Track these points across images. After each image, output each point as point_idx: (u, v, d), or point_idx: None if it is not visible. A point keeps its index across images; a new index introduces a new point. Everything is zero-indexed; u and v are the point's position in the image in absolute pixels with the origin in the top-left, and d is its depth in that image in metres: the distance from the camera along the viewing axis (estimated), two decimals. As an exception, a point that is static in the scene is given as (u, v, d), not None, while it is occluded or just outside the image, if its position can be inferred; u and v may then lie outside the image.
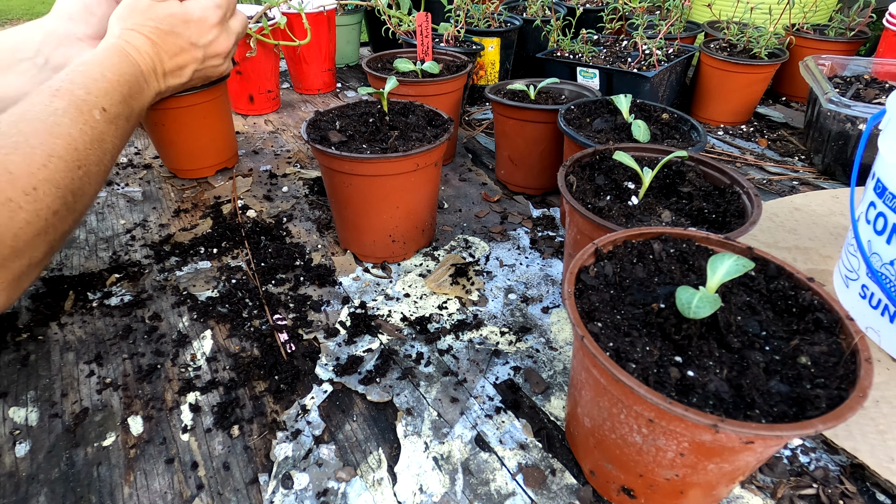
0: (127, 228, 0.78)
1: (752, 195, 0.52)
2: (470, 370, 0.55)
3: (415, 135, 0.67)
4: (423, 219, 0.70)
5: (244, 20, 0.76)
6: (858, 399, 0.31)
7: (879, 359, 0.55)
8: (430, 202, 0.70)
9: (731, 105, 1.10)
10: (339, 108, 0.74)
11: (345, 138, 0.66)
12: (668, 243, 0.44)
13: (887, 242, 0.52)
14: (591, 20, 1.26)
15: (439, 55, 0.97)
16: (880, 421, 0.48)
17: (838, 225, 0.76)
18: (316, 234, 0.77)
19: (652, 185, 0.57)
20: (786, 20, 1.19)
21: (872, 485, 0.45)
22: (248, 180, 0.91)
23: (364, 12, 1.48)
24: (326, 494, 0.44)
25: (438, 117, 0.72)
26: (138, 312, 0.62)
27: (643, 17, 1.00)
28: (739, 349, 0.35)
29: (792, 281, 0.41)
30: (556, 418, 0.50)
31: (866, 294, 0.56)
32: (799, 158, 0.99)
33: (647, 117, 0.73)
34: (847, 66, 0.99)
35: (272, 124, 1.14)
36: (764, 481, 0.45)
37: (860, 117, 0.82)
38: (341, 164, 0.62)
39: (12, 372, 0.55)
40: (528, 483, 0.45)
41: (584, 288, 0.40)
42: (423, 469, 0.46)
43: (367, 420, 0.50)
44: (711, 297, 0.35)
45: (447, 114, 0.72)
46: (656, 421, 0.33)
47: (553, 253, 0.73)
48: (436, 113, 0.73)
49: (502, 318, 0.62)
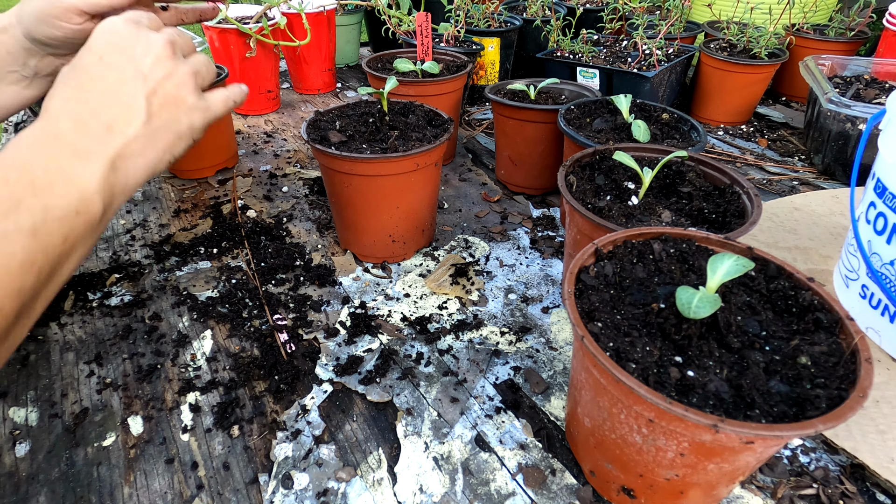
0: (127, 228, 0.78)
1: (752, 195, 0.52)
2: (470, 370, 0.55)
3: (415, 135, 0.67)
4: (424, 219, 0.70)
5: (207, 61, 0.50)
6: (858, 399, 0.31)
7: (879, 359, 0.55)
8: (431, 202, 0.70)
9: (731, 105, 1.10)
10: (339, 108, 0.74)
11: (345, 138, 0.66)
12: (668, 243, 0.44)
13: (887, 242, 0.52)
14: (591, 20, 1.26)
15: (439, 55, 0.97)
16: (880, 421, 0.48)
17: (838, 225, 0.76)
18: (316, 234, 0.77)
19: (652, 185, 0.57)
20: (786, 20, 1.19)
21: (872, 485, 0.45)
22: (248, 180, 0.91)
23: (364, 12, 1.48)
24: (326, 494, 0.44)
25: (438, 117, 0.72)
26: (138, 312, 0.62)
27: (643, 17, 1.00)
28: (739, 349, 0.35)
29: (792, 281, 0.40)
30: (556, 418, 0.50)
31: (866, 294, 0.56)
32: (799, 158, 0.99)
33: (647, 117, 0.73)
34: (847, 66, 0.99)
35: (272, 124, 1.14)
36: (764, 481, 0.45)
37: (860, 117, 0.82)
38: (341, 164, 0.62)
39: (12, 372, 0.55)
40: (528, 483, 0.45)
41: (584, 288, 0.40)
42: (423, 469, 0.46)
43: (367, 420, 0.50)
44: (711, 297, 0.34)
45: (447, 114, 0.72)
46: (656, 421, 0.33)
47: (553, 253, 0.73)
48: (436, 113, 0.73)
49: (502, 318, 0.62)
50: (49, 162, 0.38)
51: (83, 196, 0.39)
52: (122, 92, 0.43)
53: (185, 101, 0.46)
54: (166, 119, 0.45)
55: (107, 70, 0.43)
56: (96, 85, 0.43)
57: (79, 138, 0.40)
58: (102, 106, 0.42)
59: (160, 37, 0.46)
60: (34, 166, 0.38)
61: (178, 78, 0.46)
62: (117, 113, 0.42)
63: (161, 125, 0.44)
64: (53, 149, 0.39)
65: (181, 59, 0.47)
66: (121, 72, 0.44)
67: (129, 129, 0.42)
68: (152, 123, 0.44)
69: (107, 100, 0.42)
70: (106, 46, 0.45)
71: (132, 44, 0.45)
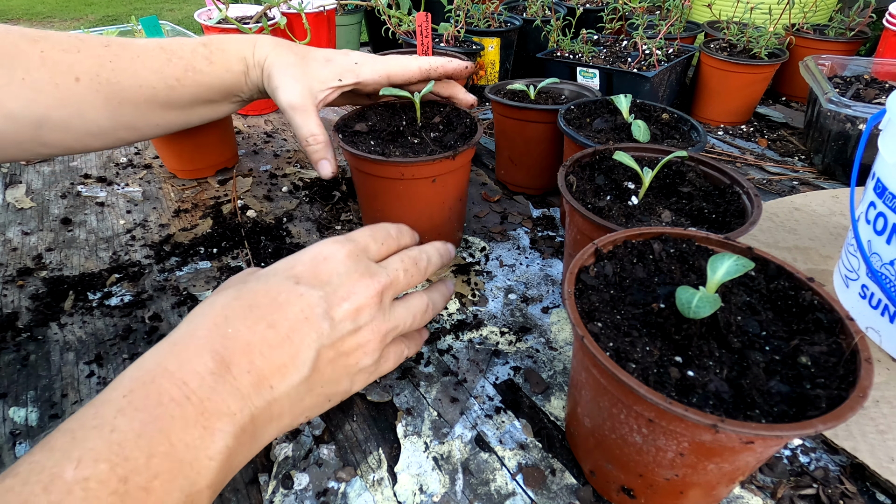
0: (127, 228, 0.78)
1: (752, 195, 0.52)
2: (470, 370, 0.55)
3: (450, 134, 0.67)
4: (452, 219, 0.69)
5: (420, 310, 0.43)
6: (858, 399, 0.31)
7: (879, 359, 0.55)
8: (461, 202, 0.69)
9: (731, 105, 1.10)
10: (358, 112, 0.71)
11: (376, 142, 0.65)
12: (668, 243, 0.44)
13: (887, 242, 0.52)
14: (591, 20, 1.26)
15: (439, 55, 0.97)
16: (880, 421, 0.48)
17: (838, 225, 0.76)
18: (316, 235, 0.77)
19: (652, 185, 0.57)
20: (786, 20, 1.19)
21: (872, 485, 0.45)
22: (248, 180, 0.91)
23: (364, 12, 1.48)
24: (326, 494, 0.44)
25: (459, 114, 0.71)
26: (138, 312, 0.62)
27: (643, 17, 1.00)
28: (739, 349, 0.35)
29: (792, 281, 0.41)
30: (556, 418, 0.50)
31: (866, 294, 0.56)
32: (799, 158, 0.99)
33: (647, 117, 0.73)
34: (847, 66, 0.99)
35: (272, 124, 1.14)
36: (764, 481, 0.45)
37: (860, 117, 0.82)
38: (383, 168, 0.60)
39: (12, 372, 0.55)
40: (528, 483, 0.45)
41: (584, 288, 0.40)
42: (424, 469, 0.46)
43: (367, 420, 0.50)
44: (711, 297, 0.35)
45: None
46: (656, 421, 0.33)
47: (553, 253, 0.73)
48: (456, 110, 0.72)
49: (502, 318, 0.62)
50: (159, 434, 0.27)
51: (190, 492, 0.28)
52: (297, 334, 0.33)
53: (357, 364, 0.38)
54: (326, 379, 0.35)
55: (293, 299, 0.34)
56: (271, 315, 0.33)
57: (214, 390, 0.30)
58: (265, 345, 0.32)
59: (373, 283, 0.38)
60: (138, 442, 0.27)
61: (365, 336, 0.37)
62: (278, 360, 0.32)
63: (316, 385, 0.35)
64: (173, 409, 0.28)
65: (384, 311, 0.39)
66: (308, 309, 0.34)
67: (282, 385, 0.32)
68: (308, 382, 0.34)
69: (274, 338, 0.32)
70: (308, 272, 0.37)
71: (337, 281, 0.37)
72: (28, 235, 0.76)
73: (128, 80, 0.54)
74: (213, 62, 0.59)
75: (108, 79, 0.53)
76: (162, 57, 0.57)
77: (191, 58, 0.58)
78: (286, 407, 0.33)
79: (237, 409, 0.30)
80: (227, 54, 0.60)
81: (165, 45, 0.58)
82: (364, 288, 0.37)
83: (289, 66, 0.59)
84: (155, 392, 0.28)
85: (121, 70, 0.54)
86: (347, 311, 0.36)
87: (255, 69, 0.61)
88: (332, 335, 0.35)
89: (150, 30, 1.02)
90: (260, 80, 0.61)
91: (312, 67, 0.61)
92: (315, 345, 0.34)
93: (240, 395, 0.30)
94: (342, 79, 0.62)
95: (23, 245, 0.74)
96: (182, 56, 0.58)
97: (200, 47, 0.59)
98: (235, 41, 0.62)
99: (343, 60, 0.63)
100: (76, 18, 4.76)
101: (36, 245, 0.74)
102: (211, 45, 0.60)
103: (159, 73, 0.56)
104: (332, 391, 0.36)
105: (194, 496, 0.28)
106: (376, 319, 0.38)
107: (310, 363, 0.33)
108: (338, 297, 0.36)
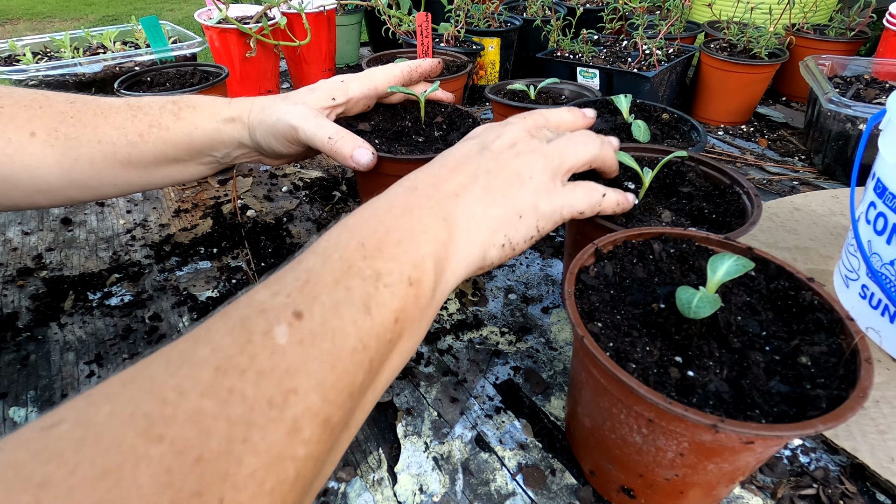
0: (127, 228, 0.78)
1: (752, 195, 0.52)
2: (470, 370, 0.55)
3: (454, 133, 0.66)
4: None
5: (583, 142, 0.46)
6: (859, 399, 0.31)
7: (880, 359, 0.55)
8: None
9: (731, 105, 1.10)
10: (362, 113, 0.70)
11: (384, 141, 0.64)
12: (668, 243, 0.44)
13: (887, 242, 0.52)
14: (591, 20, 1.26)
15: (439, 55, 0.97)
16: (880, 421, 0.48)
17: (838, 225, 0.76)
18: (316, 235, 0.77)
19: (652, 185, 0.57)
20: (786, 20, 1.19)
21: (872, 485, 0.45)
22: (248, 180, 0.91)
23: (364, 12, 1.48)
24: (326, 494, 0.44)
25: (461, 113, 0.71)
26: (138, 312, 0.62)
27: (643, 17, 1.00)
28: (740, 349, 0.35)
29: (792, 281, 0.40)
30: (556, 418, 0.50)
31: (866, 294, 0.56)
32: (799, 158, 0.99)
33: (647, 117, 0.73)
34: (847, 66, 0.99)
35: (272, 124, 1.14)
36: (764, 481, 0.45)
37: (860, 117, 0.82)
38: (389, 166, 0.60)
39: (12, 372, 0.55)
40: (528, 483, 0.45)
41: (584, 288, 0.40)
42: (424, 469, 0.46)
43: (367, 420, 0.50)
44: (711, 297, 0.35)
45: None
46: (656, 421, 0.33)
47: (553, 253, 0.73)
48: (458, 110, 0.72)
49: (502, 318, 0.62)
50: (387, 216, 0.34)
51: (416, 261, 0.32)
52: (462, 166, 0.41)
53: (529, 178, 0.41)
54: (501, 183, 0.40)
55: (451, 151, 0.43)
56: (441, 159, 0.42)
57: (421, 195, 0.37)
58: (440, 178, 0.39)
59: (518, 124, 0.46)
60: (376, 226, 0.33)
61: (525, 153, 0.42)
62: (453, 186, 0.39)
63: (495, 192, 0.39)
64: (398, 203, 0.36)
65: (541, 140, 0.44)
66: (467, 150, 0.42)
67: (465, 196, 0.38)
68: (486, 189, 0.39)
69: (446, 174, 0.40)
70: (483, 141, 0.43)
71: (486, 134, 0.44)
72: (28, 235, 0.76)
73: (87, 135, 0.52)
74: (181, 118, 0.56)
75: (66, 133, 0.51)
76: (127, 113, 0.54)
77: (157, 114, 0.56)
78: (478, 212, 0.38)
79: (438, 199, 0.37)
80: (197, 111, 0.57)
81: (133, 103, 0.56)
82: (511, 129, 0.44)
83: (278, 100, 0.58)
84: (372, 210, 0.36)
85: (81, 125, 0.52)
86: (502, 142, 0.43)
87: (232, 123, 0.58)
88: (492, 157, 0.41)
89: (150, 29, 1.02)
90: (243, 133, 0.58)
91: (301, 97, 0.60)
92: (476, 169, 0.40)
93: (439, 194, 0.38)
94: (335, 97, 0.62)
95: (23, 245, 0.74)
96: (148, 112, 0.55)
97: (169, 104, 0.57)
98: (209, 99, 0.59)
99: (328, 83, 0.63)
100: (76, 18, 4.76)
101: (36, 245, 0.74)
102: (181, 101, 0.58)
103: (121, 129, 0.54)
104: (514, 205, 0.40)
105: (419, 266, 0.32)
106: (533, 143, 0.43)
107: (480, 176, 0.40)
108: (489, 139, 0.43)
